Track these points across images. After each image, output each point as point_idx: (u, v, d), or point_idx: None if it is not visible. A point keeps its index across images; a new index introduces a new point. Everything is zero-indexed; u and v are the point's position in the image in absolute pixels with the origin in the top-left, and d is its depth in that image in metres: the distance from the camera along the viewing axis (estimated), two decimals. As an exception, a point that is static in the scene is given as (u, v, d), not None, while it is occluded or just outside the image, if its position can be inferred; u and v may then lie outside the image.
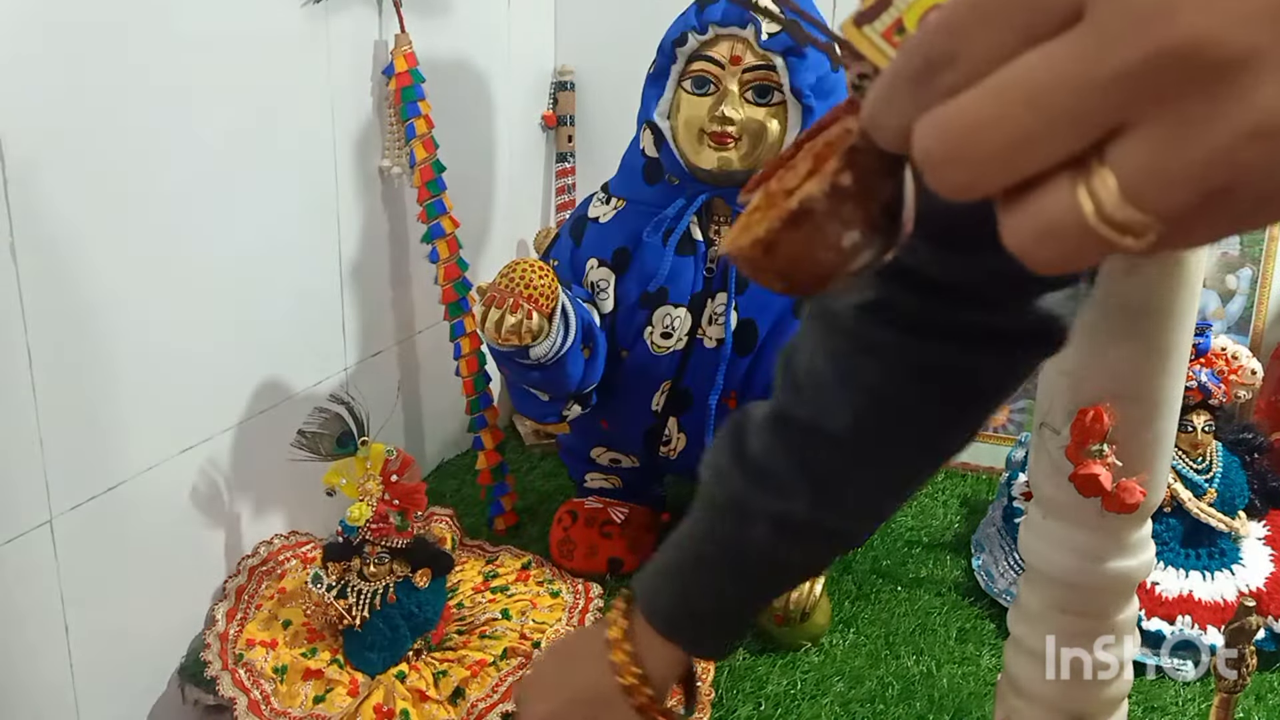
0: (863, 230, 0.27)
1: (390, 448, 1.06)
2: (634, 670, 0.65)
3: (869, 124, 0.25)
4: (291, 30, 1.11)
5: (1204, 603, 1.08)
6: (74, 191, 0.90)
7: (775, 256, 0.28)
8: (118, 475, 0.98)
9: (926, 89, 0.23)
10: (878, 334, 0.60)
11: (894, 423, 0.61)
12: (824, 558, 0.69)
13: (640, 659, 0.65)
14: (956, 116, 0.22)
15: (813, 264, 0.28)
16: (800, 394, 0.63)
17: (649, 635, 0.66)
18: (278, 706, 0.98)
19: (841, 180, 0.27)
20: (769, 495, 0.63)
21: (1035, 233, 0.22)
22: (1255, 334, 1.39)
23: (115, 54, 0.91)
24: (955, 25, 0.23)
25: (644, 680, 0.65)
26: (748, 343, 1.08)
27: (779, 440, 0.63)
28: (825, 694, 1.00)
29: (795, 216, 0.27)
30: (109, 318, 0.95)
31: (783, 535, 0.63)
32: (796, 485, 0.62)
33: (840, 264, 0.28)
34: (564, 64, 1.63)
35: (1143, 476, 0.71)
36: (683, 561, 0.67)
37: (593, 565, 1.19)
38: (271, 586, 1.11)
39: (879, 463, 0.62)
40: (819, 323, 0.63)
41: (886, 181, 0.27)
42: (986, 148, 0.22)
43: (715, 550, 0.66)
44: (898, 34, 0.27)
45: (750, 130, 1.04)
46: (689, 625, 0.66)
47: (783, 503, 0.62)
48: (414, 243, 1.33)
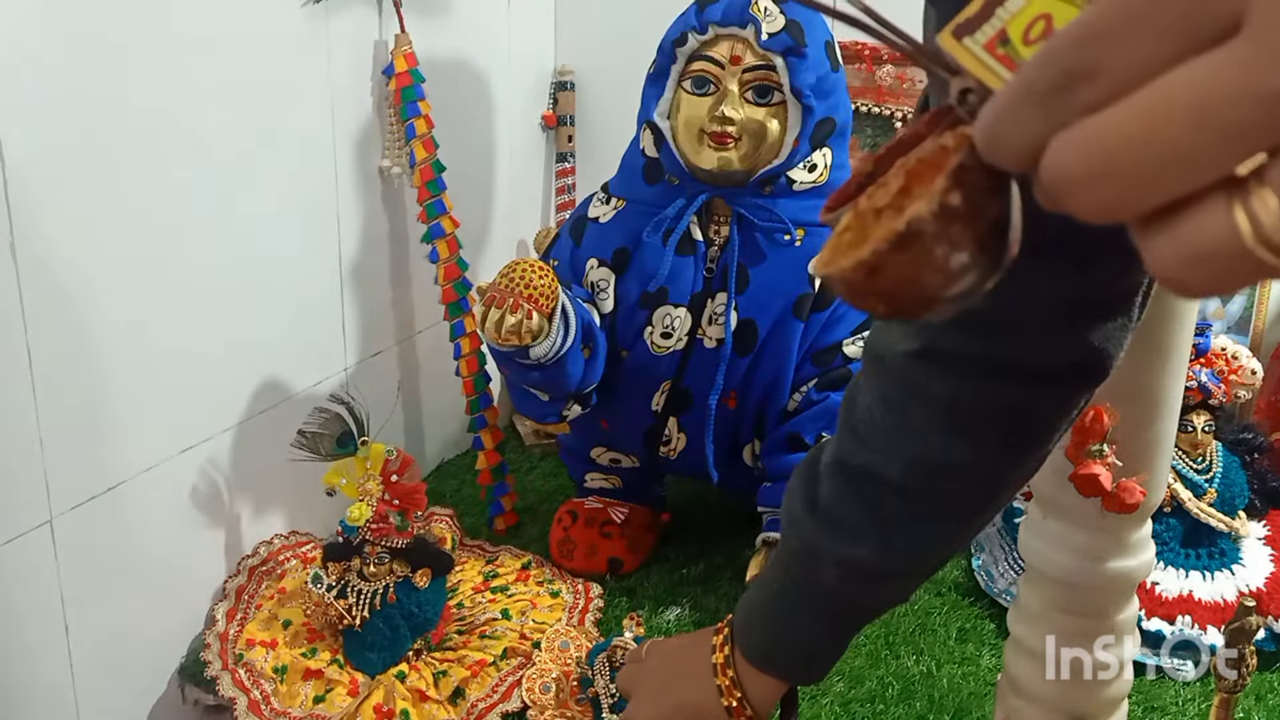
0: (971, 251, 0.26)
1: (390, 448, 1.06)
2: (736, 695, 0.71)
3: (987, 141, 0.24)
4: (291, 30, 1.11)
5: (1204, 603, 1.08)
6: (74, 191, 0.90)
7: (879, 279, 0.27)
8: (118, 475, 0.98)
9: (1062, 104, 0.22)
10: (928, 382, 0.60)
11: (950, 469, 0.61)
12: (896, 596, 0.70)
13: (741, 683, 0.71)
14: (1103, 133, 0.21)
15: (918, 287, 0.27)
16: (859, 440, 0.64)
17: (745, 664, 0.71)
18: (278, 706, 0.98)
19: (950, 200, 0.26)
20: (837, 541, 0.65)
21: (1186, 257, 0.21)
22: (1255, 334, 1.39)
23: (115, 54, 0.91)
24: (1096, 37, 0.21)
25: (745, 703, 0.71)
26: (748, 343, 1.08)
27: (845, 488, 0.65)
28: (825, 694, 1.00)
29: (903, 238, 0.26)
30: (109, 318, 0.95)
31: (851, 579, 0.66)
32: (862, 531, 0.64)
33: (946, 286, 0.27)
34: (564, 64, 1.63)
35: (1143, 476, 0.71)
36: (767, 601, 0.71)
37: (593, 565, 1.19)
38: (271, 586, 1.11)
39: (938, 507, 0.63)
40: (873, 368, 0.64)
41: (995, 200, 0.26)
42: (1137, 166, 0.21)
43: (794, 592, 0.69)
44: (1001, 46, 0.25)
45: (750, 130, 1.04)
46: (779, 658, 0.71)
47: (850, 549, 0.65)
48: (414, 243, 1.33)
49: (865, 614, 0.71)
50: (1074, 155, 0.21)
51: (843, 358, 1.08)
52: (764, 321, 1.07)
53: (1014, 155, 0.23)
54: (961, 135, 0.26)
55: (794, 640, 0.70)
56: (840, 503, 0.65)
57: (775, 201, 1.07)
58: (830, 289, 0.29)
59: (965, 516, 0.65)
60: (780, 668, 0.71)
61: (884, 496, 0.63)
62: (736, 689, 0.71)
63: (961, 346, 0.59)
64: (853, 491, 0.64)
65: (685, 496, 1.34)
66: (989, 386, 0.59)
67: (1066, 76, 0.22)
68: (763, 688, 0.71)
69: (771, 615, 0.70)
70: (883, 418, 0.62)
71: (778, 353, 1.08)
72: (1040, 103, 0.22)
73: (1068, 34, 0.22)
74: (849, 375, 1.07)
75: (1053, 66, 0.22)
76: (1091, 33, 0.21)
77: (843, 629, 0.71)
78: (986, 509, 0.66)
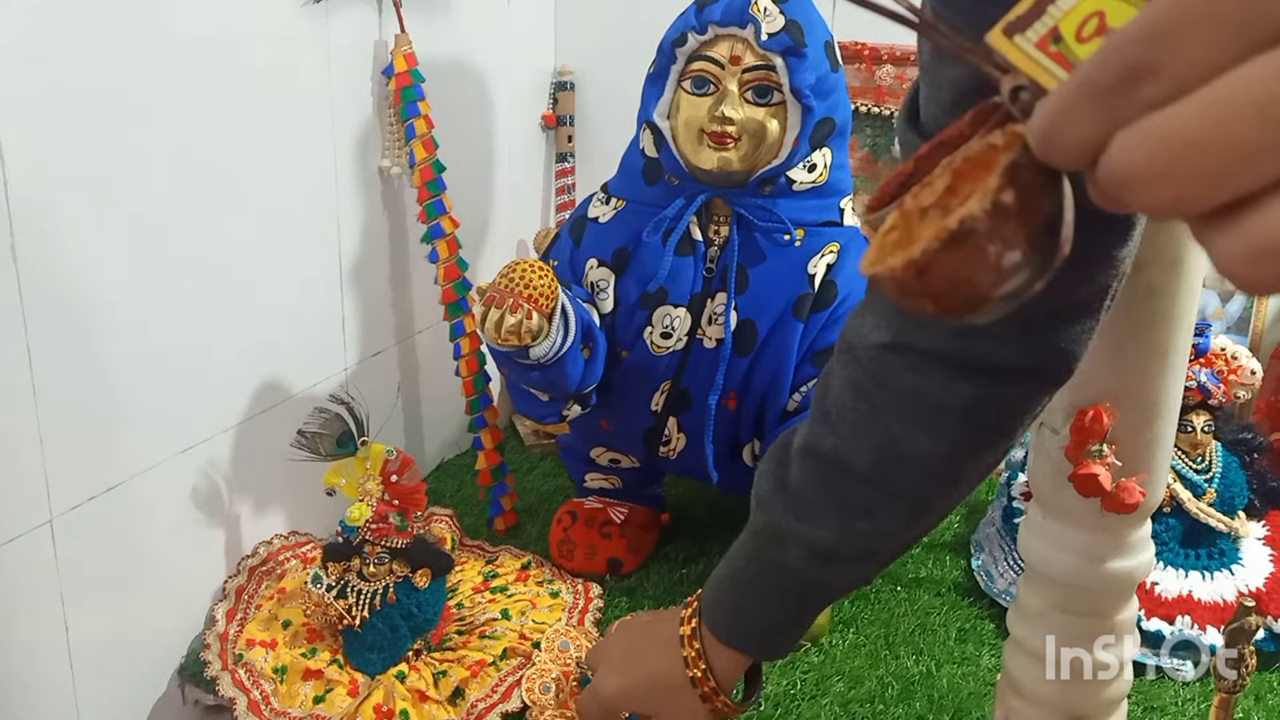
0: (1024, 250, 0.26)
1: (390, 448, 1.06)
2: (701, 666, 0.73)
3: (1044, 138, 0.24)
4: (291, 30, 1.11)
5: (1204, 603, 1.08)
6: (74, 191, 0.90)
7: (929, 279, 0.27)
8: (118, 475, 0.98)
9: (1124, 101, 0.22)
10: (895, 374, 0.62)
11: (912, 459, 0.63)
12: (858, 577, 0.72)
13: (706, 655, 0.73)
14: (1169, 130, 0.21)
15: (969, 286, 0.26)
16: (829, 425, 0.66)
17: (711, 637, 0.74)
18: (278, 706, 0.98)
19: (1003, 198, 0.26)
20: (801, 522, 0.67)
21: (1250, 253, 0.21)
22: (1255, 334, 1.39)
23: (115, 54, 0.91)
24: (1158, 34, 0.21)
25: (709, 673, 0.73)
26: (747, 343, 1.08)
27: (811, 470, 0.67)
28: (825, 694, 1.00)
29: (955, 236, 0.26)
30: (109, 317, 0.95)
31: (814, 559, 0.68)
32: (824, 514, 0.66)
33: (997, 285, 0.26)
34: (564, 64, 1.63)
35: (1142, 476, 0.71)
36: (734, 577, 0.73)
37: (592, 565, 1.19)
38: (271, 586, 1.12)
39: (899, 495, 0.65)
40: (845, 356, 0.66)
41: (1048, 198, 0.26)
42: (1202, 164, 0.21)
43: (758, 570, 0.71)
44: (1054, 44, 0.25)
45: (750, 130, 1.04)
46: (743, 633, 0.73)
47: (812, 530, 0.67)
48: (414, 243, 1.33)
49: (827, 593, 0.74)
50: (1141, 152, 0.21)
51: (842, 358, 1.08)
52: (764, 321, 1.07)
53: (1071, 152, 0.23)
54: (1013, 133, 0.26)
55: (757, 616, 0.73)
56: (807, 486, 0.67)
57: (775, 201, 1.07)
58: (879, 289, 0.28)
59: (924, 507, 0.67)
60: (744, 642, 0.73)
61: (848, 482, 0.65)
62: (702, 660, 0.73)
63: (930, 342, 0.61)
64: (819, 475, 0.66)
65: (685, 496, 1.34)
66: (954, 383, 0.61)
67: (1129, 73, 0.22)
68: (727, 660, 0.73)
69: (737, 591, 0.73)
70: (852, 405, 0.64)
71: (777, 353, 1.08)
72: (1101, 100, 0.22)
73: (1129, 31, 0.22)
74: (849, 375, 1.08)
75: (1114, 63, 0.22)
76: (1154, 30, 0.21)
77: (804, 607, 0.73)
78: (945, 500, 0.68)
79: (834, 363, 0.68)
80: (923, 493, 0.66)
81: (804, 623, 0.74)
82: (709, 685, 0.73)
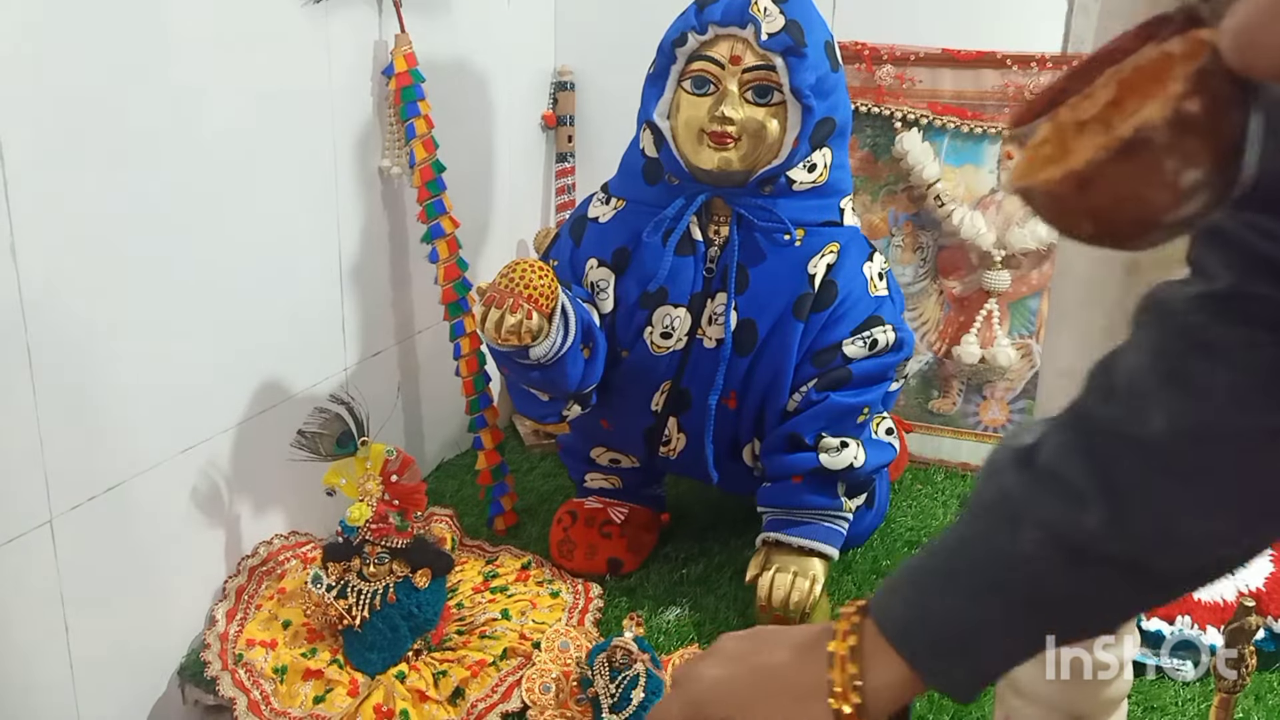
0: (1206, 169, 0.23)
1: (390, 448, 1.06)
2: (851, 669, 0.54)
3: (1243, 43, 0.21)
4: (291, 30, 1.11)
5: (1203, 603, 1.08)
6: (74, 191, 0.90)
7: (1092, 193, 0.24)
8: (118, 475, 0.98)
9: None
10: (1222, 330, 0.48)
11: (1216, 432, 0.49)
12: (1100, 598, 0.53)
13: (863, 659, 0.55)
14: None
15: (1138, 204, 0.24)
16: (1112, 395, 0.52)
17: (878, 638, 0.55)
18: (278, 706, 0.98)
19: (1188, 106, 0.23)
20: (1051, 498, 0.51)
21: None
22: (1255, 334, 1.38)
23: (115, 54, 0.91)
24: None
25: (856, 688, 0.54)
26: (747, 343, 1.08)
27: (1076, 439, 0.52)
28: (825, 694, 1.00)
29: (1128, 145, 0.23)
30: (109, 317, 0.95)
31: (1057, 551, 0.51)
32: (1088, 492, 0.50)
33: (1171, 208, 0.23)
34: (564, 64, 1.63)
35: (1142, 476, 0.71)
36: (927, 565, 0.56)
37: (592, 565, 1.19)
38: (271, 586, 1.12)
39: (1189, 477, 0.50)
40: (1148, 317, 0.52)
41: (1236, 113, 0.23)
42: None
43: (969, 554, 0.54)
44: None
45: (750, 130, 1.04)
46: (921, 635, 0.54)
47: (1067, 510, 0.50)
48: (414, 243, 1.33)
49: (1046, 613, 0.53)
50: None
51: (842, 358, 1.08)
52: (764, 321, 1.07)
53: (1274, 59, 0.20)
54: (1197, 39, 0.23)
55: (947, 613, 0.54)
56: (1066, 457, 0.51)
57: (775, 201, 1.07)
58: (1026, 204, 0.25)
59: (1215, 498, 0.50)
60: (917, 649, 0.54)
61: (1125, 456, 0.50)
62: (854, 664, 0.54)
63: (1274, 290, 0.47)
64: (1089, 447, 0.51)
65: (685, 496, 1.34)
66: None
67: None
68: (888, 674, 0.54)
69: (930, 580, 0.55)
70: (1149, 369, 0.50)
71: (777, 353, 1.08)
72: None
73: None
74: (849, 375, 1.07)
75: None
76: None
77: (1011, 621, 0.53)
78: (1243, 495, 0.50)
79: (1127, 341, 0.53)
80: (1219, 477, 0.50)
81: (1008, 648, 0.55)
82: (851, 701, 0.53)
